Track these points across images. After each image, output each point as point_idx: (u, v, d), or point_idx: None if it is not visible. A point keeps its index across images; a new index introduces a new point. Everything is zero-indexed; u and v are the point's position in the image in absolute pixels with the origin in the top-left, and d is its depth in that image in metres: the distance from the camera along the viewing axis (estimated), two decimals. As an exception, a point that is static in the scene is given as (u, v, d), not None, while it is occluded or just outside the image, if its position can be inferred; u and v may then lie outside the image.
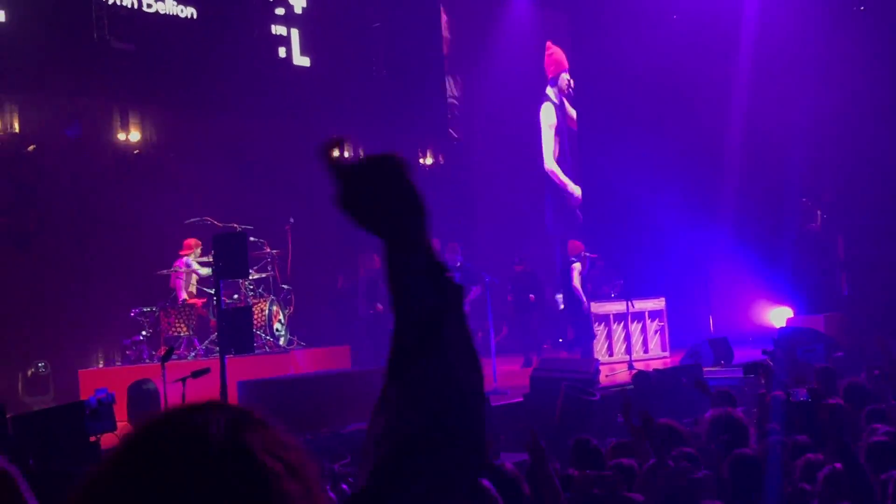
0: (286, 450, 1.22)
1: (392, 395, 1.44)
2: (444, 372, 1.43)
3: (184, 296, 13.46)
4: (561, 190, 20.91)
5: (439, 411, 1.41)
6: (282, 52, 16.55)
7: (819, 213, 18.21)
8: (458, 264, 14.59)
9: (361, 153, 17.85)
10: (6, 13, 13.14)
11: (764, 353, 11.84)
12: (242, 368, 11.81)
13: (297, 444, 1.25)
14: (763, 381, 9.25)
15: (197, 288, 13.59)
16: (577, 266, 15.78)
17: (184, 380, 9.48)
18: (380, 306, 14.94)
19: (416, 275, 1.47)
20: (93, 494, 1.19)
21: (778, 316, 18.03)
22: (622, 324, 16.41)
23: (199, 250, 13.39)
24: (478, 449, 1.44)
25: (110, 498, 1.17)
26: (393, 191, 1.53)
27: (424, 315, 1.45)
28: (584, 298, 15.87)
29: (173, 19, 14.94)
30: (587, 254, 16.07)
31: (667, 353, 16.56)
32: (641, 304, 16.38)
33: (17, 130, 13.64)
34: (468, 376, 1.45)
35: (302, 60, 16.85)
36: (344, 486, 6.33)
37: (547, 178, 20.94)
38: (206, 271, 13.47)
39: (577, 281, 15.78)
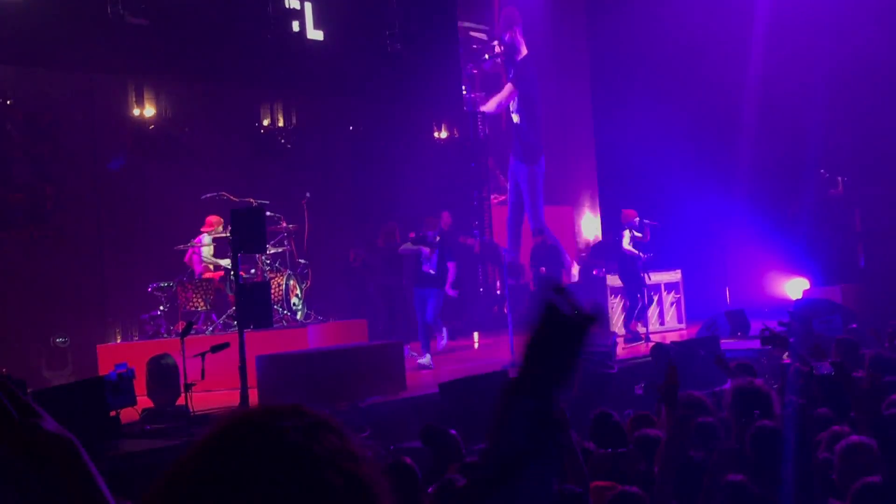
0: (355, 462, 1.26)
1: None
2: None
3: (201, 270, 13.50)
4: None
5: None
6: (295, 25, 16.47)
7: (840, 179, 18.11)
8: (438, 238, 14.26)
9: (376, 127, 17.82)
10: (20, -11, 13.11)
11: (780, 324, 11.82)
12: (261, 343, 11.83)
13: (368, 456, 1.28)
14: (783, 353, 9.25)
15: (215, 263, 13.62)
16: (626, 234, 15.62)
17: (203, 354, 9.52)
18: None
19: (520, 416, 1.49)
20: (167, 492, 1.22)
21: (794, 287, 17.99)
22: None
23: (220, 227, 13.37)
24: None
25: (184, 495, 1.20)
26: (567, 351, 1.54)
27: (510, 454, 1.46)
28: (641, 258, 15.62)
29: (186, -6, 14.89)
30: (647, 221, 15.84)
31: (683, 326, 16.56)
32: (658, 277, 16.36)
33: (32, 107, 13.64)
34: None
35: (315, 34, 16.77)
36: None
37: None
38: (209, 257, 13.46)
39: (627, 245, 15.61)
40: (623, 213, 16.10)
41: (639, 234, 15.49)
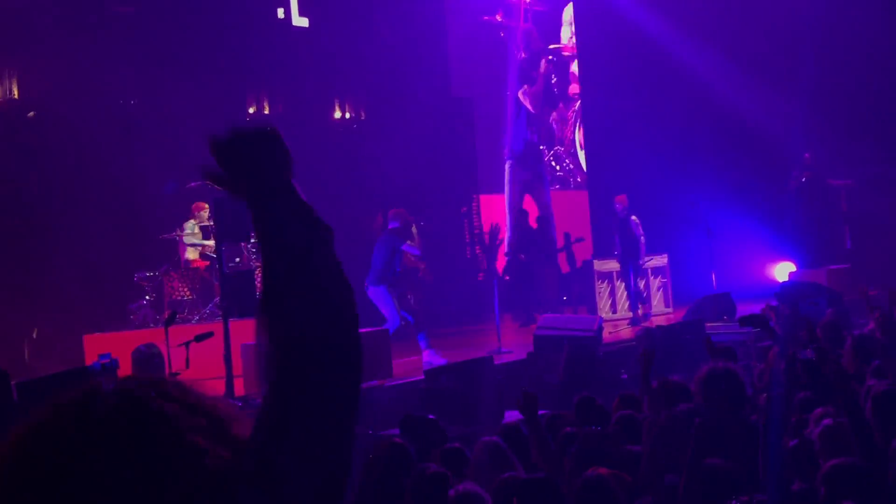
0: (185, 392, 1.36)
1: (266, 325, 1.46)
2: (316, 294, 1.46)
3: (187, 259, 13.47)
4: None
5: (316, 331, 1.44)
6: (280, 13, 16.44)
7: (808, 156, 18.16)
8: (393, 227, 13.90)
9: (362, 115, 17.80)
10: (2, -22, 13.07)
11: (768, 307, 11.83)
12: (246, 332, 11.81)
13: (199, 390, 1.39)
14: (766, 335, 9.27)
15: (201, 251, 13.59)
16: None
17: (187, 344, 9.51)
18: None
19: (284, 216, 1.52)
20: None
21: (781, 270, 18.03)
22: (625, 281, 16.41)
23: (205, 213, 13.33)
24: (355, 364, 1.47)
25: (23, 463, 1.29)
26: (255, 147, 1.59)
27: (296, 249, 1.49)
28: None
29: (171, -19, 14.85)
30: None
31: (670, 309, 16.58)
32: (644, 261, 16.37)
33: (16, 96, 13.59)
34: (341, 296, 1.49)
35: (301, 21, 16.75)
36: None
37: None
38: (196, 240, 13.43)
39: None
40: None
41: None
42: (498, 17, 19.89)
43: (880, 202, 18.08)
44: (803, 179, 18.04)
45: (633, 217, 15.61)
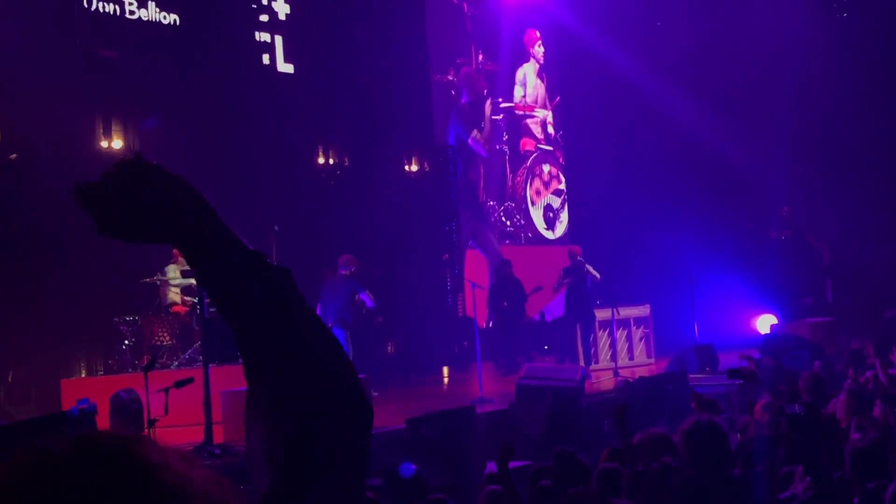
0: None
1: (260, 396, 1.34)
2: (304, 352, 1.33)
3: (169, 303, 13.38)
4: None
5: (315, 393, 1.32)
6: (265, 58, 16.50)
7: (787, 209, 18.25)
8: (345, 272, 13.98)
9: (346, 161, 17.81)
10: (-13, 20, 13.06)
11: (748, 359, 11.81)
12: (226, 378, 11.71)
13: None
14: (751, 388, 9.26)
15: (181, 297, 13.50)
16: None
17: (167, 390, 9.40)
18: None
19: (236, 272, 1.35)
20: None
21: (763, 322, 18.05)
22: (607, 331, 16.38)
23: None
24: (363, 410, 1.35)
25: None
26: (160, 193, 1.38)
27: (264, 308, 1.34)
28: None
29: (156, 25, 14.89)
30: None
31: (652, 360, 16.53)
32: (626, 311, 16.37)
33: (-1, 139, 13.54)
34: (328, 349, 1.35)
35: (286, 67, 16.81)
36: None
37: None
38: (179, 281, 13.36)
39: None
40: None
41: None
42: (450, 77, 20.00)
43: (861, 255, 18.18)
44: (783, 237, 18.13)
45: (588, 267, 15.68)
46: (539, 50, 21.28)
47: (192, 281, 13.25)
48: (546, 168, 21.50)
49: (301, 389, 1.31)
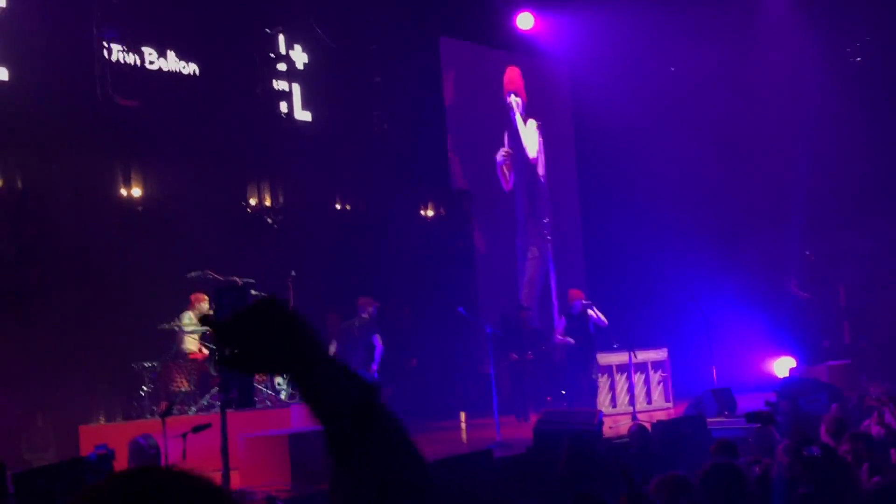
0: None
1: (342, 477, 1.59)
2: (383, 447, 1.59)
3: (185, 350, 13.43)
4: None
5: (389, 479, 1.57)
6: (283, 106, 16.69)
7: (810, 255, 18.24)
8: (366, 315, 14.50)
9: (362, 207, 17.93)
10: (9, 71, 13.28)
11: (767, 403, 11.80)
12: (244, 423, 11.75)
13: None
14: (770, 431, 9.24)
15: (199, 343, 13.56)
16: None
17: (184, 435, 9.44)
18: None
19: (332, 383, 1.60)
20: None
21: (781, 366, 17.98)
22: (625, 375, 16.34)
23: (204, 305, 13.32)
24: (428, 495, 1.60)
25: None
26: (282, 333, 1.62)
27: (351, 409, 1.59)
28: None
29: (176, 76, 15.10)
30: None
31: (670, 404, 16.48)
32: (644, 355, 16.32)
33: (19, 187, 13.70)
34: (402, 443, 1.63)
35: (303, 115, 16.99)
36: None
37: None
38: (195, 327, 13.42)
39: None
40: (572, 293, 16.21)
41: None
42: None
43: (879, 297, 18.14)
44: (803, 295, 18.12)
45: (592, 311, 15.69)
46: (516, 100, 21.12)
47: (193, 327, 13.34)
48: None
49: (377, 476, 1.57)
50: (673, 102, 19.39)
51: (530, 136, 20.85)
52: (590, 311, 15.67)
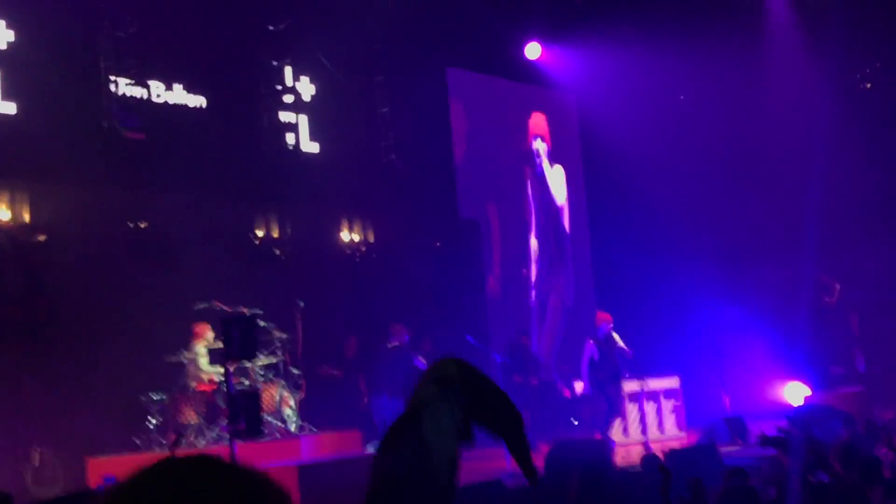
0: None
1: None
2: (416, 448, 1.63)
3: (193, 383, 13.38)
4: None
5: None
6: (290, 138, 16.70)
7: (837, 287, 18.11)
8: (399, 342, 14.54)
9: (371, 237, 17.91)
10: (17, 104, 13.32)
11: (779, 430, 11.67)
12: (253, 454, 11.67)
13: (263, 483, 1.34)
14: (784, 459, 9.12)
15: (207, 375, 13.50)
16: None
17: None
18: None
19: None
20: None
21: (794, 393, 17.84)
22: (637, 404, 16.22)
23: (210, 335, 13.29)
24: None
25: None
26: None
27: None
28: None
29: (182, 108, 15.12)
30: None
31: (683, 433, 16.34)
32: (656, 384, 16.22)
33: (27, 220, 13.71)
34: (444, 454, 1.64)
35: (311, 147, 17.00)
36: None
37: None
38: (204, 359, 13.37)
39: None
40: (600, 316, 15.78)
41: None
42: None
43: (891, 323, 18.02)
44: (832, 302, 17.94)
45: (616, 337, 15.35)
46: (542, 145, 21.12)
47: (215, 369, 13.29)
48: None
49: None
50: (682, 130, 19.37)
51: (557, 181, 20.87)
52: (615, 335, 15.30)
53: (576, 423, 17.85)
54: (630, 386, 16.12)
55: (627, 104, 19.53)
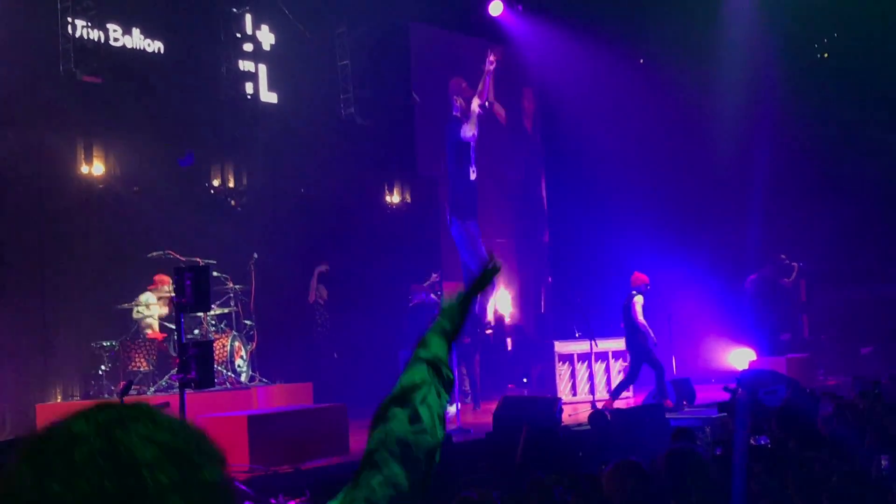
0: (171, 433, 1.32)
1: None
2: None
3: (145, 331, 13.34)
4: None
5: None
6: (249, 87, 16.56)
7: (796, 267, 18.33)
8: (417, 302, 14.87)
9: (327, 191, 17.87)
10: (-28, 45, 13.10)
11: (726, 389, 11.91)
12: (204, 404, 11.70)
13: (186, 428, 1.37)
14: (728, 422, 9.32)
15: (159, 323, 13.47)
16: (639, 299, 14.95)
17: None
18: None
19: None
20: None
21: (740, 357, 18.13)
22: (586, 363, 16.42)
23: (167, 287, 13.23)
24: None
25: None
26: None
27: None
28: (651, 333, 14.92)
29: (140, 53, 14.94)
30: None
31: (630, 394, 16.55)
32: (605, 344, 16.40)
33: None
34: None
35: (269, 97, 16.87)
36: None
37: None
38: (155, 308, 13.34)
39: (640, 315, 14.91)
40: (633, 276, 15.31)
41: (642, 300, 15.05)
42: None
43: (838, 291, 18.32)
44: (791, 283, 18.14)
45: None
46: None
47: (165, 311, 13.28)
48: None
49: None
50: (637, 89, 19.45)
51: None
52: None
53: (525, 381, 18.05)
54: (579, 346, 16.31)
55: (584, 65, 19.54)
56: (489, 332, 17.88)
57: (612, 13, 19.03)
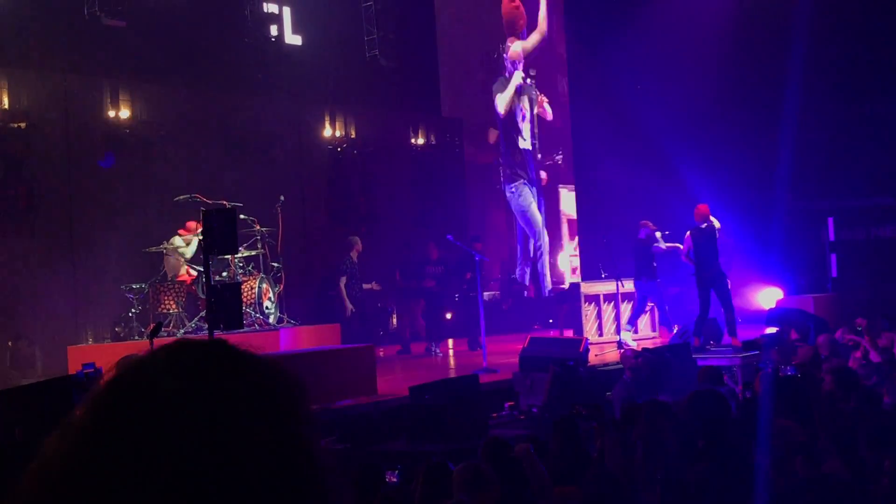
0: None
1: None
2: None
3: (174, 274, 13.44)
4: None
5: None
6: (273, 30, 16.50)
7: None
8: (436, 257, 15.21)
9: (353, 133, 17.83)
10: (-5, -12, 13.09)
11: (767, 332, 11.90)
12: (231, 345, 11.79)
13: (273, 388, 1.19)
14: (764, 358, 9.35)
15: (187, 266, 13.56)
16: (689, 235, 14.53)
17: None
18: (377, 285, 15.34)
19: None
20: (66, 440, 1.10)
21: (767, 297, 18.06)
22: (612, 304, 16.40)
23: (199, 232, 13.29)
24: None
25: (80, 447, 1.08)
26: None
27: None
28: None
29: (164, -4, 14.90)
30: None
31: (656, 334, 16.56)
32: (631, 285, 16.36)
33: (6, 107, 13.57)
34: None
35: (294, 39, 16.82)
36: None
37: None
38: (184, 250, 13.41)
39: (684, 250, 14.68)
40: (699, 209, 14.61)
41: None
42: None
43: (867, 231, 18.19)
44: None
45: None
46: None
47: (193, 251, 13.35)
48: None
49: None
50: (665, 41, 19.27)
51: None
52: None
53: (551, 321, 18.08)
54: (606, 286, 16.28)
55: (611, 26, 19.32)
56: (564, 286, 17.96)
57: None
